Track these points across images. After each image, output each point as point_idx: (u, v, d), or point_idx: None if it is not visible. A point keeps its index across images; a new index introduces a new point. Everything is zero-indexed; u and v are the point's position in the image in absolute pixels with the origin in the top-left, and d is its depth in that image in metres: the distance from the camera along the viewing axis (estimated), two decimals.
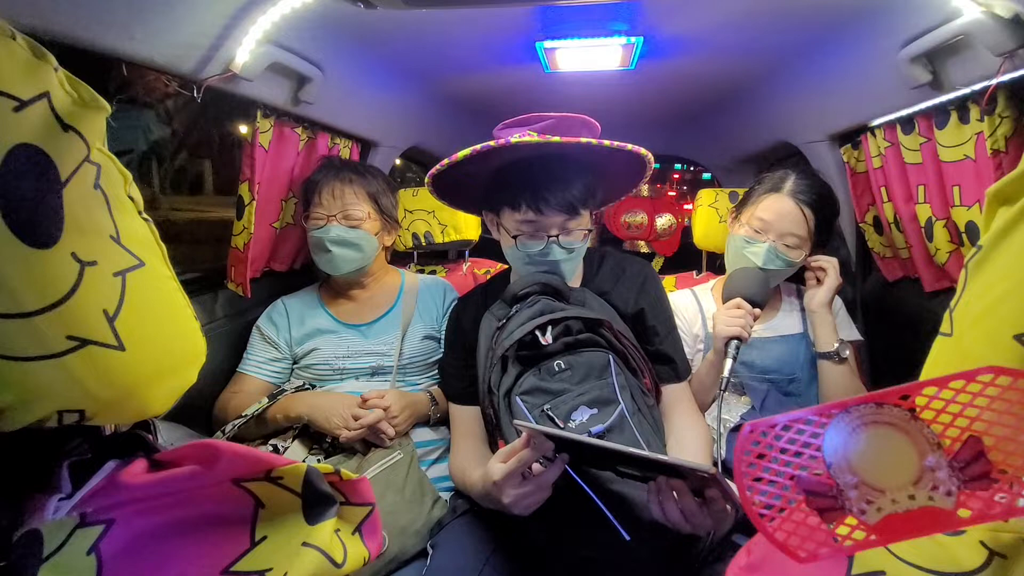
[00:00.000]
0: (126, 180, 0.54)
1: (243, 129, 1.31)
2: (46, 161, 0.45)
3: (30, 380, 0.47)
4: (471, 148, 0.97)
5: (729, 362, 1.11)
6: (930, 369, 0.60)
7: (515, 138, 0.97)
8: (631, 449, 0.69)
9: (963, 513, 0.43)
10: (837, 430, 0.46)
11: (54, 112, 0.46)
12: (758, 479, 0.47)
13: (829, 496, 0.46)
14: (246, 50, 1.07)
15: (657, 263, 3.14)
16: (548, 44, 1.38)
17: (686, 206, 3.18)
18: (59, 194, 0.46)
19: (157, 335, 0.55)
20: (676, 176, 3.45)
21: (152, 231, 0.57)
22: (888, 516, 0.44)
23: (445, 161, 1.01)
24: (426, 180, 1.09)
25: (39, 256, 0.45)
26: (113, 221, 0.51)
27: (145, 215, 0.57)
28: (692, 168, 3.51)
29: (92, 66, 0.84)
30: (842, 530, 0.45)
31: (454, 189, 1.16)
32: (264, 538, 0.53)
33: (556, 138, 0.97)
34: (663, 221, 3.09)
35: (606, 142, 0.99)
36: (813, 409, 0.47)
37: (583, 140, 0.98)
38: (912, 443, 0.45)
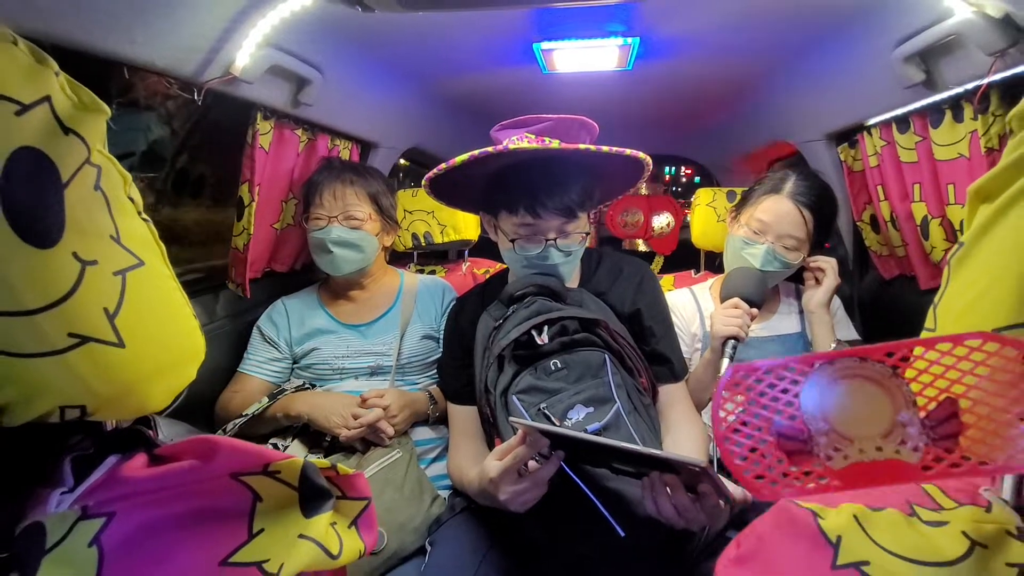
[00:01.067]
0: (126, 181, 0.56)
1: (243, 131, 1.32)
2: (48, 163, 0.46)
3: (32, 376, 0.48)
4: (468, 154, 0.97)
5: (726, 362, 1.12)
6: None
7: (513, 144, 0.97)
8: (624, 444, 0.70)
9: (925, 469, 0.44)
10: (818, 379, 0.48)
11: (55, 115, 0.47)
12: (733, 418, 0.49)
13: (799, 440, 0.48)
14: (246, 53, 1.09)
15: (657, 263, 3.15)
16: (545, 45, 1.39)
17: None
18: (60, 195, 0.47)
19: (157, 333, 0.56)
20: (666, 179, 3.46)
21: (151, 231, 0.59)
22: (853, 464, 0.46)
23: (443, 165, 1.01)
24: (423, 183, 1.10)
25: (41, 256, 0.46)
26: (113, 221, 0.53)
27: (144, 215, 0.58)
28: (684, 173, 3.53)
29: (93, 70, 0.85)
30: (806, 472, 0.47)
31: (451, 189, 1.16)
32: (261, 530, 0.54)
33: (556, 144, 0.98)
34: (661, 220, 3.09)
35: (604, 148, 0.99)
36: (797, 358, 0.49)
37: (581, 147, 0.98)
38: (889, 398, 0.46)
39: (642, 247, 3.24)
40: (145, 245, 0.57)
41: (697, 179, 3.49)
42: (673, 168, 3.47)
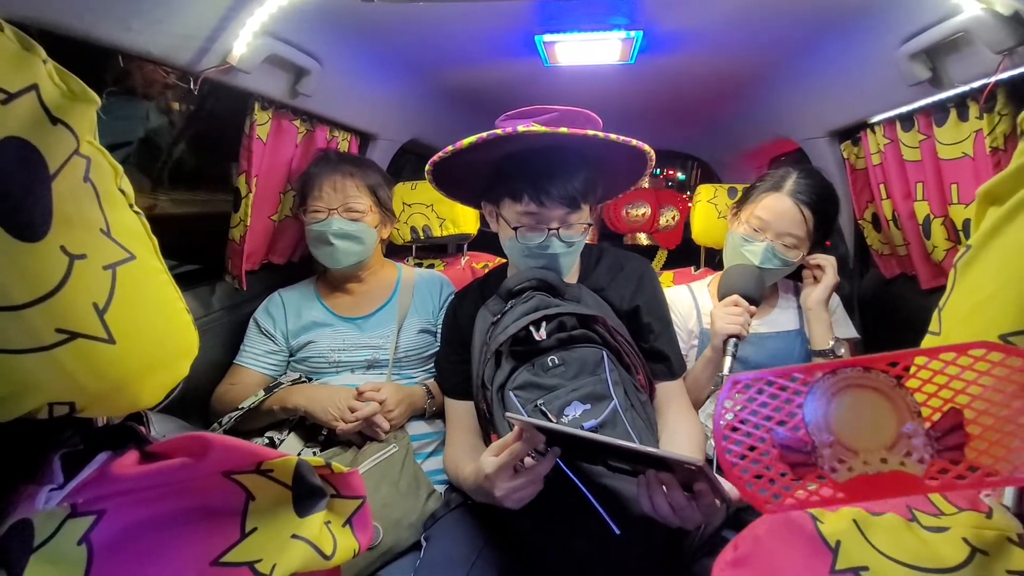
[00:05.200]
0: (117, 173, 0.54)
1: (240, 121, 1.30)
2: (35, 154, 0.45)
3: (20, 372, 0.47)
4: (476, 136, 0.97)
5: (728, 360, 1.11)
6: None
7: (522, 127, 0.96)
8: (620, 442, 0.70)
9: (931, 480, 0.44)
10: (821, 389, 0.47)
11: (43, 105, 0.46)
12: (735, 429, 0.48)
13: (803, 452, 0.47)
14: (243, 42, 1.07)
15: (660, 258, 3.13)
16: (548, 38, 1.37)
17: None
18: (48, 187, 0.46)
19: (148, 328, 0.55)
20: (659, 178, 3.48)
21: (143, 224, 0.57)
22: (857, 476, 0.45)
23: (449, 148, 1.01)
24: (426, 168, 1.09)
25: (28, 250, 0.45)
26: (103, 214, 0.51)
27: (136, 208, 0.57)
28: (667, 173, 3.55)
29: (85, 57, 0.84)
30: (810, 486, 0.46)
31: (453, 180, 1.16)
32: (254, 530, 0.54)
33: (564, 129, 0.97)
34: (667, 214, 3.08)
35: (612, 136, 0.99)
36: (799, 367, 0.48)
37: (590, 133, 0.98)
38: (893, 409, 0.46)
39: (644, 241, 3.23)
40: (136, 238, 0.55)
41: (682, 176, 3.50)
42: (658, 170, 3.49)
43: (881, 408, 0.46)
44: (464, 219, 1.83)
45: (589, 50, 1.44)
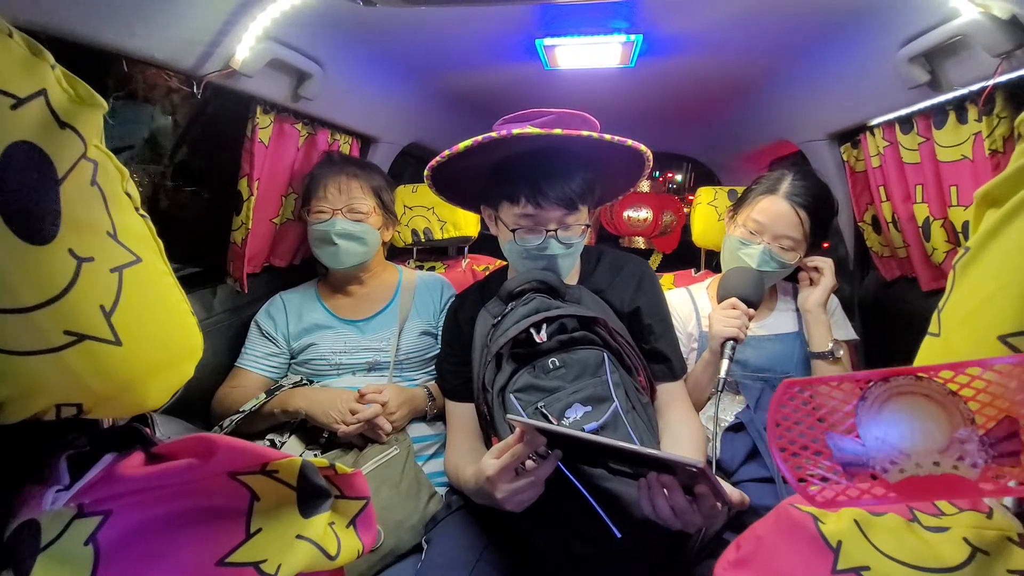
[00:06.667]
0: (123, 176, 0.55)
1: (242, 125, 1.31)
2: (43, 158, 0.45)
3: (28, 374, 0.47)
4: (472, 139, 0.98)
5: (725, 362, 1.11)
6: None
7: (517, 129, 0.97)
8: (621, 443, 0.70)
9: (984, 484, 0.44)
10: (874, 395, 0.48)
11: (51, 109, 0.46)
12: (789, 430, 0.50)
13: (855, 454, 0.48)
14: (246, 46, 1.08)
15: (655, 260, 3.15)
16: (548, 41, 1.38)
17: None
18: (56, 191, 0.46)
19: (154, 330, 0.56)
20: (660, 180, 3.49)
21: (149, 227, 0.58)
22: (909, 478, 0.45)
23: (446, 153, 1.01)
24: (425, 173, 1.10)
25: (36, 252, 0.45)
26: (110, 217, 0.52)
27: (142, 211, 0.58)
28: (669, 175, 3.58)
29: (91, 62, 0.85)
30: (862, 484, 0.47)
31: (452, 184, 1.16)
32: (259, 530, 0.54)
33: (558, 131, 0.98)
34: (666, 218, 3.10)
35: (607, 136, 1.00)
36: (852, 375, 0.49)
37: (585, 133, 0.98)
38: (947, 415, 0.46)
39: (642, 244, 3.25)
40: (142, 241, 0.56)
41: (679, 178, 3.52)
42: (657, 173, 3.51)
43: (934, 414, 0.46)
44: (465, 222, 1.84)
45: (589, 54, 1.44)
